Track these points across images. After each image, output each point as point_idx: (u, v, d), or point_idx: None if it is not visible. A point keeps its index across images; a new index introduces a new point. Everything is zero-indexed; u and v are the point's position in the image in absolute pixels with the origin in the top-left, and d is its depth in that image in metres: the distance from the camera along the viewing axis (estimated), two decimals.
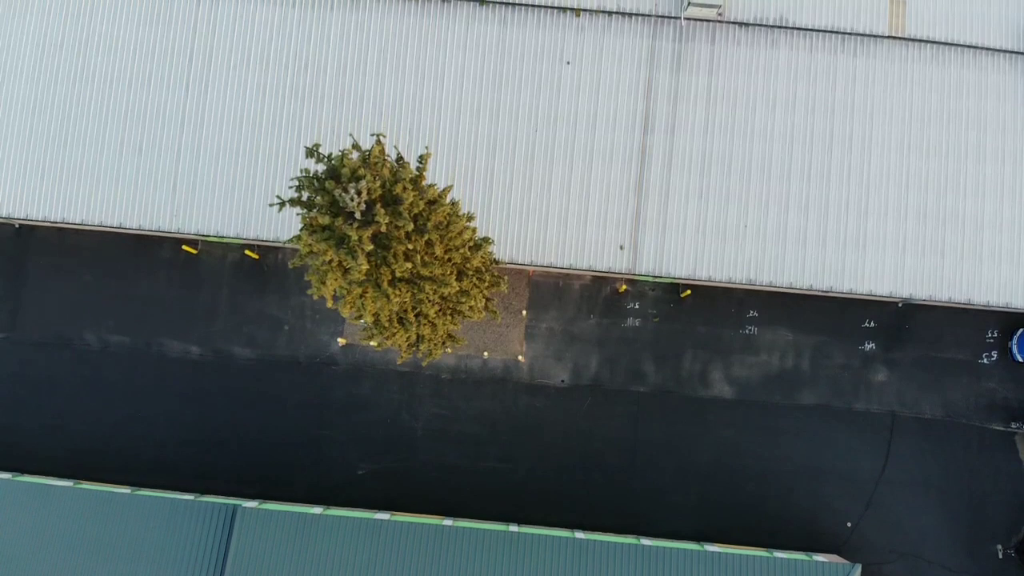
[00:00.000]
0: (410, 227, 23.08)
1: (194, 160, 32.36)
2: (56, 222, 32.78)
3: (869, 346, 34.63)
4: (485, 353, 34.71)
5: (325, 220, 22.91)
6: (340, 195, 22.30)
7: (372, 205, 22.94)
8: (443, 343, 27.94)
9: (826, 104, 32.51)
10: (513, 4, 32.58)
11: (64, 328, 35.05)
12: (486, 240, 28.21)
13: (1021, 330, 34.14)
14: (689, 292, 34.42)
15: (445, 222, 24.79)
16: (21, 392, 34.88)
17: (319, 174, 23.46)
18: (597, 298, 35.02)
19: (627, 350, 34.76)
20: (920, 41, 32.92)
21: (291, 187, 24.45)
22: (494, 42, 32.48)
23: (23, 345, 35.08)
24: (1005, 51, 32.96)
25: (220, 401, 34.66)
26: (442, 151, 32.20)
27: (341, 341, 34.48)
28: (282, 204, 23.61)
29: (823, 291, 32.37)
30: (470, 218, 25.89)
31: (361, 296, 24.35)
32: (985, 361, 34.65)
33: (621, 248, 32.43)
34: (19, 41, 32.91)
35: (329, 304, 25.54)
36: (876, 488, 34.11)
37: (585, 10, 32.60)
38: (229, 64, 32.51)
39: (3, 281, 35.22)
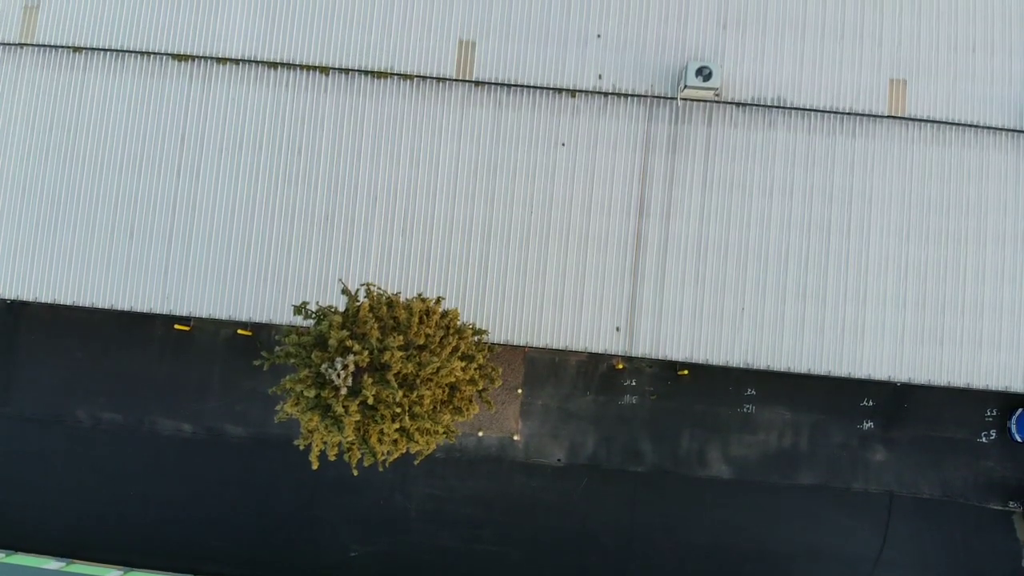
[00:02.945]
0: (399, 395, 22.75)
1: (186, 244, 32.00)
2: (46, 302, 32.43)
3: (867, 425, 34.36)
4: (480, 432, 34.44)
5: (311, 393, 22.58)
6: (326, 369, 21.99)
7: (359, 374, 22.60)
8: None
9: (824, 188, 32.08)
10: (508, 85, 32.20)
11: (55, 404, 34.77)
12: (480, 333, 27.78)
13: (1020, 410, 33.87)
14: (687, 372, 34.11)
15: (436, 369, 24.40)
16: (11, 468, 34.62)
17: (305, 343, 23.12)
18: (594, 375, 34.73)
19: (624, 428, 34.48)
20: (920, 121, 32.50)
21: (277, 345, 24.10)
22: (489, 125, 32.06)
23: (14, 421, 34.80)
24: (1007, 130, 32.52)
25: (212, 480, 34.38)
26: (437, 237, 31.86)
27: None
28: (269, 362, 23.34)
29: (821, 374, 32.04)
30: (461, 335, 25.46)
31: (348, 451, 24.09)
32: (984, 440, 34.38)
33: (617, 330, 32.11)
34: (8, 121, 32.47)
35: (315, 466, 25.16)
36: (874, 569, 33.89)
37: (580, 91, 32.22)
38: (222, 147, 32.10)
39: None
